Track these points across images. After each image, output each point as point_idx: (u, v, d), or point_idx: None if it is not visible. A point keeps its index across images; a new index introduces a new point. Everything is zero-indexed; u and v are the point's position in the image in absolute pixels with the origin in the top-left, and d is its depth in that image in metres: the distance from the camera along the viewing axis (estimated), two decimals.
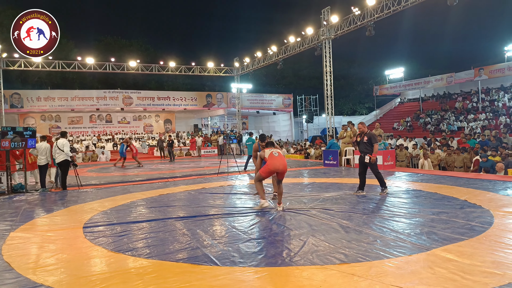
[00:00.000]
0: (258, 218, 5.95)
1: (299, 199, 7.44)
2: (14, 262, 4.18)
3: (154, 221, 6.00)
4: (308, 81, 48.91)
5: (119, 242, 4.85)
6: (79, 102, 29.78)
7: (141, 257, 4.21)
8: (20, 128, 10.07)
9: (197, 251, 4.33)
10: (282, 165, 6.36)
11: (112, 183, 11.47)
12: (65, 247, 4.74)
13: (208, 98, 33.84)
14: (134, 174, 13.97)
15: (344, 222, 5.43)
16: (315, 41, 21.86)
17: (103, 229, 5.58)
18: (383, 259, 3.83)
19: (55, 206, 7.85)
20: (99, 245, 4.74)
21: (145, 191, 9.47)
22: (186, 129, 35.76)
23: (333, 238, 4.65)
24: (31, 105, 28.45)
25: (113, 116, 33.49)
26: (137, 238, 5.05)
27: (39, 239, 5.18)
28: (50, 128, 30.90)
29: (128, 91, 31.90)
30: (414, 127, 28.73)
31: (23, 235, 5.44)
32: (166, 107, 32.70)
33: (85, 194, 9.39)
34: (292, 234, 4.91)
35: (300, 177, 11.48)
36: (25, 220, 6.47)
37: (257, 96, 35.96)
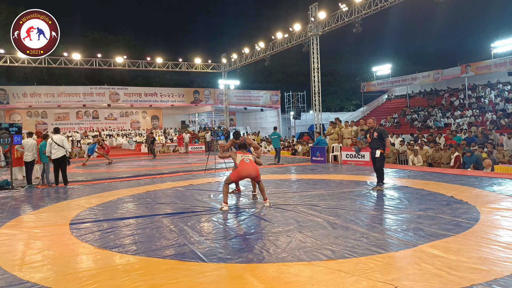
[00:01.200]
0: (246, 215, 5.96)
1: (287, 196, 7.46)
2: (0, 259, 4.11)
3: (141, 217, 5.96)
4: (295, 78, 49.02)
5: (106, 239, 4.80)
6: (65, 98, 29.32)
7: (128, 254, 4.18)
8: (6, 124, 9.86)
9: (184, 248, 4.32)
10: (254, 171, 6.45)
11: (99, 179, 11.33)
12: (52, 244, 4.67)
13: (196, 94, 33.68)
14: (121, 171, 13.83)
15: (331, 218, 5.47)
16: (303, 38, 21.89)
17: (90, 226, 5.52)
18: (370, 255, 3.87)
19: (41, 202, 7.73)
20: (85, 242, 4.69)
21: (132, 187, 9.39)
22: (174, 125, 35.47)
23: (320, 234, 4.68)
24: (17, 101, 27.90)
25: (100, 113, 33.03)
26: (124, 234, 5.01)
27: (26, 236, 5.10)
28: (37, 124, 30.32)
29: (115, 87, 31.55)
30: (401, 123, 29.08)
31: (9, 231, 5.34)
32: (153, 103, 32.46)
33: (72, 190, 9.26)
34: (279, 230, 4.93)
35: (287, 173, 11.50)
36: (11, 216, 6.36)
37: (245, 93, 35.92)
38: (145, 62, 28.75)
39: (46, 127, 30.16)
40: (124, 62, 27.95)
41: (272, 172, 11.60)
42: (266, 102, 36.39)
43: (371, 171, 10.93)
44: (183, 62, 29.88)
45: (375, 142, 7.72)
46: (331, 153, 14.14)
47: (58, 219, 6.05)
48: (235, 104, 34.83)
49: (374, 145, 7.73)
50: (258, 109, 37.11)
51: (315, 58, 20.92)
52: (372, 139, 7.77)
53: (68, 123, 31.29)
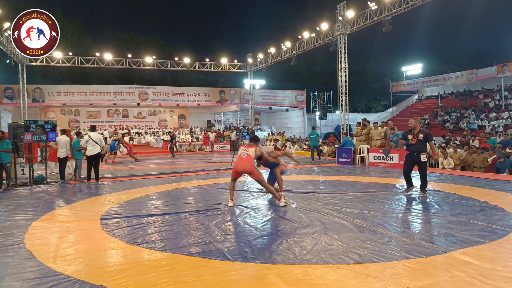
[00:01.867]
0: (271, 215, 5.95)
1: (312, 197, 7.40)
2: (35, 251, 4.29)
3: (168, 214, 6.07)
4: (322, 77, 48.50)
5: (134, 235, 4.91)
6: (97, 97, 30.25)
7: (156, 250, 4.27)
8: (42, 121, 10.27)
9: (210, 246, 4.36)
10: (247, 166, 6.46)
11: (128, 176, 11.63)
12: (83, 238, 4.83)
13: (222, 94, 33.96)
14: (149, 168, 14.13)
15: (358, 221, 5.37)
16: (330, 37, 21.63)
17: (119, 221, 5.67)
18: (398, 260, 3.77)
19: (74, 197, 8.01)
20: (115, 237, 4.82)
21: (159, 185, 9.58)
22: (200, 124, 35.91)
23: (346, 237, 4.61)
24: (52, 99, 29.03)
25: (129, 111, 33.89)
26: (152, 231, 5.11)
27: (59, 229, 5.30)
28: (70, 121, 31.45)
29: (144, 87, 32.29)
30: (432, 125, 28.22)
31: (44, 225, 5.57)
32: (180, 102, 32.98)
33: (103, 186, 9.54)
34: (304, 232, 4.88)
35: (312, 174, 11.41)
36: (46, 210, 6.62)
37: (270, 92, 35.87)
38: (173, 62, 29.26)
39: (78, 125, 31.27)
40: (153, 62, 28.55)
41: (297, 173, 11.54)
42: (291, 102, 36.21)
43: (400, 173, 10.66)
44: (209, 62, 30.19)
45: (419, 144, 7.04)
46: (358, 155, 13.90)
47: (90, 214, 6.25)
48: (260, 103, 34.86)
49: (419, 148, 7.05)
50: (283, 109, 36.98)
51: (342, 57, 20.64)
52: (417, 141, 7.13)
53: (99, 121, 32.27)
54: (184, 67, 29.64)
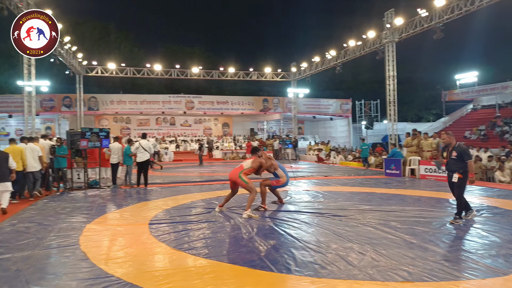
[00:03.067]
0: (315, 227, 5.86)
1: (359, 210, 7.20)
2: (89, 253, 4.54)
3: (212, 222, 6.18)
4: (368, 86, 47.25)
5: (180, 240, 5.05)
6: (147, 106, 31.60)
7: (200, 257, 4.35)
8: (97, 129, 10.91)
9: (253, 255, 4.37)
10: (233, 175, 6.91)
11: (175, 182, 12.00)
12: (133, 242, 5.04)
13: (265, 102, 34.16)
14: (194, 175, 14.48)
15: (407, 237, 5.14)
16: (377, 45, 21.11)
17: (166, 227, 5.86)
18: (452, 281, 3.56)
19: (124, 202, 8.41)
20: (162, 242, 4.98)
21: (204, 192, 9.80)
22: (243, 132, 36.30)
23: (395, 253, 4.42)
24: (105, 107, 30.76)
25: (176, 119, 35.06)
26: (197, 237, 5.23)
27: (110, 233, 5.57)
28: (121, 129, 33.09)
29: (190, 96, 33.28)
30: (489, 136, 26.48)
31: (97, 227, 5.88)
32: (224, 111, 33.59)
33: (151, 192, 9.93)
34: (350, 246, 4.75)
35: (358, 186, 11.12)
36: (98, 214, 7.00)
37: (314, 101, 35.54)
38: (218, 71, 29.94)
39: (129, 132, 32.79)
40: (199, 72, 29.41)
41: (342, 184, 11.29)
42: (336, 111, 35.61)
43: None
44: (253, 71, 30.55)
45: (452, 163, 6.19)
46: (408, 166, 13.35)
47: (139, 219, 6.52)
48: (304, 112, 34.62)
49: (452, 167, 6.19)
50: (327, 118, 36.45)
51: (390, 65, 20.04)
52: (449, 160, 6.25)
53: (148, 128, 33.65)
54: (229, 77, 30.22)
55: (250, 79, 30.89)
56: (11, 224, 6.13)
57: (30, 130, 16.65)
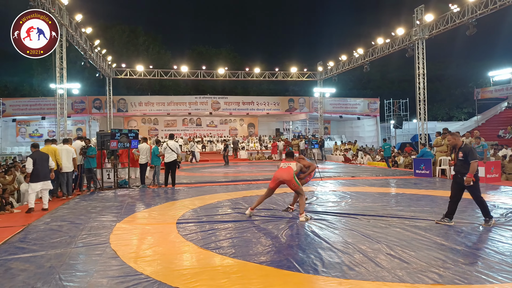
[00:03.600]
0: (342, 228, 5.79)
1: (386, 210, 7.06)
2: (119, 251, 4.68)
3: (238, 222, 6.22)
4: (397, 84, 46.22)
5: (207, 240, 5.12)
6: (174, 107, 32.15)
7: (227, 256, 4.40)
8: (126, 130, 11.21)
9: (280, 255, 4.37)
10: (286, 174, 6.55)
11: (201, 182, 12.16)
12: (161, 241, 5.15)
13: (291, 102, 34.00)
14: (220, 175, 14.62)
15: (438, 238, 5.01)
16: (407, 42, 20.60)
17: (194, 226, 5.95)
18: (485, 284, 3.44)
19: (152, 201, 8.59)
20: (190, 241, 5.06)
21: (230, 192, 9.87)
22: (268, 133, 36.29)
23: (425, 255, 4.32)
24: (134, 109, 31.54)
25: (202, 120, 35.49)
26: (224, 237, 5.28)
27: (139, 231, 5.71)
28: (149, 130, 33.85)
29: (216, 97, 33.58)
30: None
31: (126, 226, 6.05)
32: (250, 111, 33.67)
33: (178, 192, 10.10)
34: (378, 247, 4.67)
35: (387, 186, 10.92)
36: (128, 213, 7.19)
37: (341, 101, 35.06)
38: (244, 72, 30.11)
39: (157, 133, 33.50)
40: (225, 73, 29.68)
41: (369, 185, 11.11)
42: (363, 110, 34.99)
43: (486, 188, 9.72)
44: (279, 71, 30.54)
45: (460, 164, 5.97)
46: (438, 167, 12.96)
47: (167, 218, 6.65)
48: (330, 112, 34.24)
49: (460, 169, 5.94)
50: (354, 117, 35.88)
51: (420, 63, 19.51)
52: (457, 161, 6.04)
53: (175, 129, 34.23)
54: (254, 77, 30.33)
55: (276, 79, 30.88)
56: (45, 223, 6.40)
57: (62, 132, 17.31)
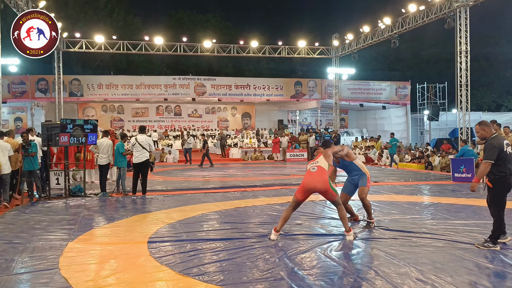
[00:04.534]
0: (359, 247, 5.83)
1: (418, 225, 7.13)
2: (72, 278, 4.67)
3: (229, 240, 6.24)
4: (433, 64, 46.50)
5: (188, 263, 5.13)
6: (145, 90, 31.98)
7: (214, 284, 4.41)
8: (81, 120, 11.18)
9: (282, 283, 4.40)
10: (320, 182, 6.18)
11: (181, 189, 12.15)
12: (128, 265, 5.15)
13: (297, 86, 34.02)
14: (206, 180, 14.62)
15: (481, 260, 5.09)
16: (446, 10, 20.69)
17: (171, 246, 5.95)
18: None
19: (116, 214, 8.57)
20: (165, 265, 5.07)
21: (218, 201, 9.88)
22: (268, 125, 36.35)
23: (464, 281, 4.38)
24: (91, 93, 31.25)
25: (182, 108, 35.39)
26: (210, 259, 5.29)
27: (99, 253, 5.71)
28: (112, 120, 33.71)
29: (201, 78, 33.46)
30: None
31: (81, 246, 6.03)
32: (245, 97, 33.62)
33: (151, 201, 10.09)
34: (406, 271, 4.72)
35: (418, 194, 10.98)
36: (83, 229, 7.16)
37: (362, 84, 35.16)
38: (237, 46, 30.00)
39: (122, 124, 33.38)
40: (213, 47, 29.48)
41: (397, 192, 11.16)
42: (390, 97, 35.12)
43: None
44: (283, 46, 30.50)
45: None
46: None
47: (135, 236, 6.65)
48: (348, 99, 34.32)
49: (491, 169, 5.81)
50: (378, 106, 36.02)
51: (463, 37, 19.60)
52: None
53: (146, 120, 34.13)
54: (251, 53, 30.27)
55: (279, 55, 30.88)
56: None
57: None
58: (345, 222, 6.34)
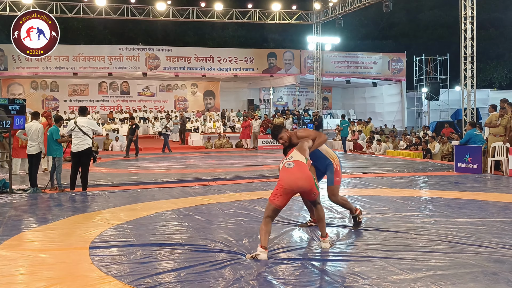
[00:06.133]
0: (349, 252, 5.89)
1: (413, 224, 7.26)
2: None
3: (190, 245, 6.23)
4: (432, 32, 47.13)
5: (139, 272, 5.09)
6: (84, 63, 31.35)
7: None
8: (5, 100, 10.90)
9: None
10: (304, 180, 5.83)
11: (130, 184, 12.08)
12: (65, 275, 5.08)
13: (271, 59, 34.00)
14: (160, 173, 14.53)
15: (487, 264, 5.21)
16: None
17: (118, 252, 5.92)
18: None
19: (50, 214, 8.45)
20: (111, 275, 5.02)
21: (176, 198, 9.86)
22: (236, 106, 36.33)
23: None
24: (17, 66, 30.46)
25: (131, 85, 34.99)
26: (166, 268, 5.28)
27: (29, 262, 5.61)
28: (44, 100, 33.08)
29: (153, 48, 33.01)
30: None
31: (7, 254, 5.92)
32: (207, 72, 33.40)
33: (93, 198, 10.00)
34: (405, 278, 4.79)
35: (414, 187, 11.18)
36: (10, 233, 7.02)
37: (348, 57, 35.40)
38: (198, 9, 29.76)
39: (56, 105, 32.78)
40: (168, 10, 29.19)
41: (389, 185, 11.35)
42: (382, 72, 35.55)
43: None
44: (253, 9, 30.41)
45: None
46: (491, 158, 13.42)
47: (74, 240, 6.57)
48: (333, 74, 34.55)
49: None
50: (368, 82, 36.42)
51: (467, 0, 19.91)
52: None
53: (86, 99, 33.65)
54: (215, 18, 30.08)
55: (249, 21, 30.81)
56: None
57: None
58: (322, 224, 6.13)
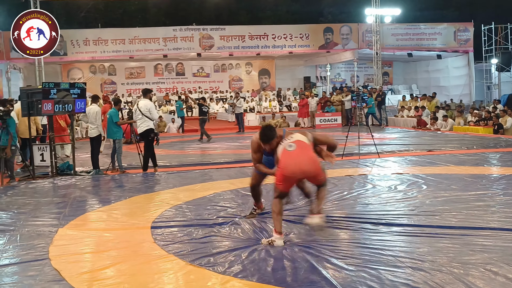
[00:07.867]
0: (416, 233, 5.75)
1: (481, 205, 7.06)
2: (64, 270, 4.80)
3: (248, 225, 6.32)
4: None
5: (200, 251, 5.22)
6: (140, 46, 31.71)
7: (232, 276, 4.48)
8: (66, 84, 11.27)
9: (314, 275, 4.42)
10: (309, 164, 5.47)
11: (188, 165, 12.33)
12: (129, 254, 5.29)
13: (328, 34, 33.45)
14: (218, 154, 14.74)
15: None
16: None
17: (178, 232, 6.08)
18: None
19: (113, 195, 8.76)
20: (173, 254, 5.17)
21: (233, 178, 9.99)
22: (293, 84, 36.05)
23: None
24: (76, 51, 31.20)
25: (186, 66, 35.26)
26: (225, 248, 5.38)
27: (95, 240, 5.87)
28: (103, 84, 33.87)
29: (207, 28, 33.04)
30: None
31: (74, 233, 6.20)
32: (262, 50, 33.16)
33: (152, 180, 10.28)
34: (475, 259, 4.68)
35: (485, 165, 10.94)
36: (75, 213, 7.34)
37: (410, 28, 34.34)
38: None
39: (114, 88, 33.51)
40: None
41: (457, 163, 11.07)
42: (447, 43, 34.38)
43: None
44: None
45: None
46: None
47: (136, 220, 6.79)
48: (393, 48, 33.72)
49: None
50: (432, 55, 35.34)
51: None
52: None
53: (143, 82, 34.17)
54: None
55: None
56: None
57: None
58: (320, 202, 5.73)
